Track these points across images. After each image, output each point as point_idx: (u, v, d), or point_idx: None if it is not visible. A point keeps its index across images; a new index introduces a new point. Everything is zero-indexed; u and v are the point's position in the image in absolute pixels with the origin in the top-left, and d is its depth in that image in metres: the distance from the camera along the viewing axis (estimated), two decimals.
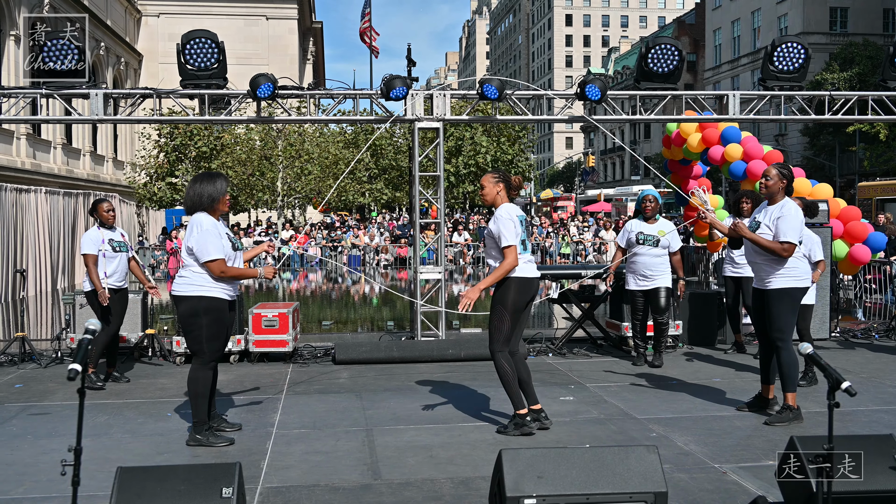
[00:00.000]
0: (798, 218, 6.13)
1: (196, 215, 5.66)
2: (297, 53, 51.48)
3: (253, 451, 5.51)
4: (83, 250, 7.65)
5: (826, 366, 3.69)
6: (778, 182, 6.23)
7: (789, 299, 6.19)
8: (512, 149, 43.20)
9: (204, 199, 5.66)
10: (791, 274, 6.18)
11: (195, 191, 5.68)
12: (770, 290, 6.22)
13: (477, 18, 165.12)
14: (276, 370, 8.57)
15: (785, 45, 9.59)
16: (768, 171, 6.29)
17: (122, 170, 40.54)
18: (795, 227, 6.09)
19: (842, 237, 10.67)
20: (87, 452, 3.54)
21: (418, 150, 9.73)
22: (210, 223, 5.61)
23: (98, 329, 3.57)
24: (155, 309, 10.36)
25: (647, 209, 8.59)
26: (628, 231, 8.65)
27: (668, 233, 8.51)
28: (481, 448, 5.52)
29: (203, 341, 5.61)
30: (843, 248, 10.63)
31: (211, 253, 5.54)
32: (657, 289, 8.48)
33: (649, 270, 8.45)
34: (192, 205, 5.69)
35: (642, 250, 8.46)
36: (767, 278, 6.24)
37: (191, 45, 8.79)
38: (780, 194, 6.26)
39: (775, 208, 6.22)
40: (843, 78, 38.25)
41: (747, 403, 6.63)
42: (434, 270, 9.92)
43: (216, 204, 5.69)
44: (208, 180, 5.73)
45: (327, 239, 30.85)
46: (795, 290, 6.20)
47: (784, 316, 6.17)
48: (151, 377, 8.23)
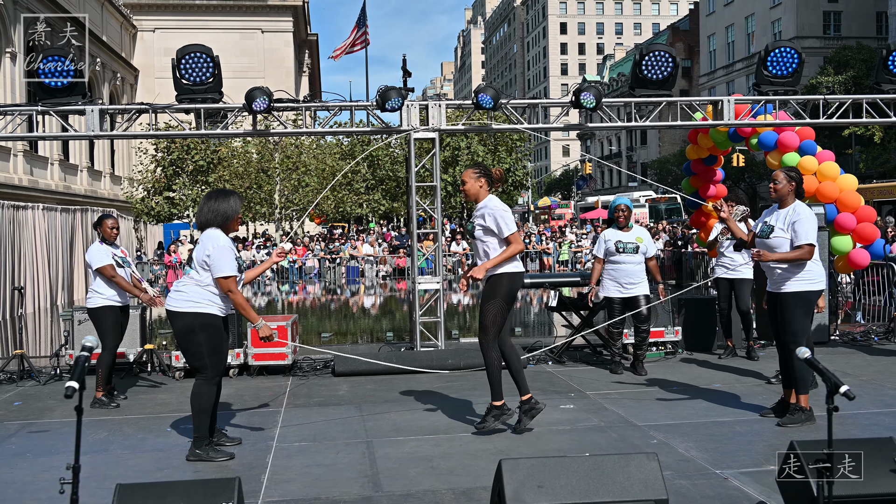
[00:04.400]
0: (813, 219, 6.16)
1: (210, 230, 5.66)
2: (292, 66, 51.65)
3: (253, 466, 5.50)
4: (97, 264, 7.51)
5: (824, 370, 3.70)
6: (787, 185, 6.26)
7: (803, 303, 6.19)
8: (509, 157, 43.27)
9: (218, 216, 5.67)
10: (805, 277, 6.19)
11: (210, 207, 5.68)
12: (784, 293, 6.22)
13: (472, 28, 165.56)
14: (275, 383, 8.55)
15: (779, 51, 9.63)
16: (776, 176, 6.34)
17: (119, 185, 40.61)
18: (813, 229, 6.13)
19: (850, 234, 10.53)
20: (86, 469, 3.54)
21: (415, 160, 9.75)
22: (226, 239, 5.64)
23: (95, 346, 3.56)
24: (154, 324, 10.35)
25: (621, 219, 8.59)
26: (605, 241, 8.61)
27: (644, 239, 8.55)
28: (482, 458, 5.51)
29: (205, 356, 5.61)
30: (847, 245, 10.49)
31: (225, 269, 5.55)
32: (636, 297, 8.50)
33: (629, 277, 8.46)
34: (205, 221, 5.69)
35: (623, 258, 8.46)
36: (782, 282, 6.25)
37: (186, 60, 8.81)
38: (790, 197, 6.28)
39: (788, 212, 6.23)
40: (837, 81, 38.38)
41: (772, 409, 6.56)
42: (432, 280, 9.92)
43: (229, 222, 5.71)
44: (223, 197, 5.74)
45: (325, 251, 30.86)
46: (810, 293, 6.21)
47: (797, 319, 6.19)
48: (151, 393, 8.21)
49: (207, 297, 5.61)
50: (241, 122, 9.69)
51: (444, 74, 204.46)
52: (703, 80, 62.55)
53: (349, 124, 10.62)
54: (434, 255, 10.26)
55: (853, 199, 10.40)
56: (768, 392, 7.44)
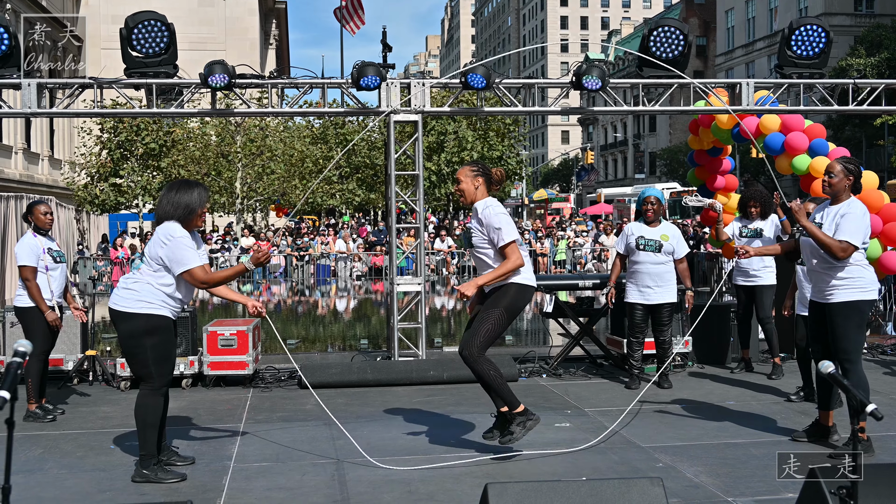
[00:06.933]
0: (864, 220, 6.04)
1: (166, 224, 5.65)
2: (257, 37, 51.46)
3: (207, 488, 5.49)
4: (20, 261, 7.44)
5: (849, 387, 3.73)
6: (843, 179, 6.10)
7: (856, 314, 6.06)
8: (501, 144, 43.32)
9: (180, 209, 5.66)
10: (856, 284, 6.06)
11: (170, 199, 5.67)
12: (832, 303, 6.09)
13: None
14: (234, 395, 8.53)
15: (804, 28, 9.68)
16: (832, 167, 6.15)
17: (59, 169, 40.33)
18: (860, 228, 5.98)
19: (878, 237, 10.60)
20: (17, 491, 3.51)
21: (395, 146, 9.74)
22: (182, 231, 5.62)
23: (28, 350, 3.51)
24: (97, 327, 10.30)
25: (649, 212, 8.58)
26: (627, 235, 8.63)
27: (671, 237, 8.52)
28: (465, 482, 5.53)
29: (150, 364, 5.59)
30: (875, 249, 10.56)
31: (188, 261, 5.53)
32: (661, 305, 8.50)
33: (652, 280, 8.44)
34: (165, 214, 5.68)
35: (643, 257, 8.46)
36: (828, 290, 6.12)
37: (137, 29, 8.77)
38: (845, 193, 6.13)
39: (840, 207, 6.10)
40: (869, 64, 38.61)
41: (805, 431, 6.52)
42: (413, 282, 9.92)
43: (192, 216, 5.69)
44: (186, 189, 5.73)
45: (292, 246, 30.80)
46: (862, 302, 6.08)
47: (850, 333, 6.05)
48: (92, 405, 8.18)
49: (160, 298, 5.59)
50: (198, 101, 9.67)
51: (428, 50, 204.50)
52: (720, 60, 62.86)
53: (321, 104, 10.61)
54: (415, 254, 10.27)
55: (875, 197, 10.46)
56: (788, 411, 7.50)
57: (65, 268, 7.81)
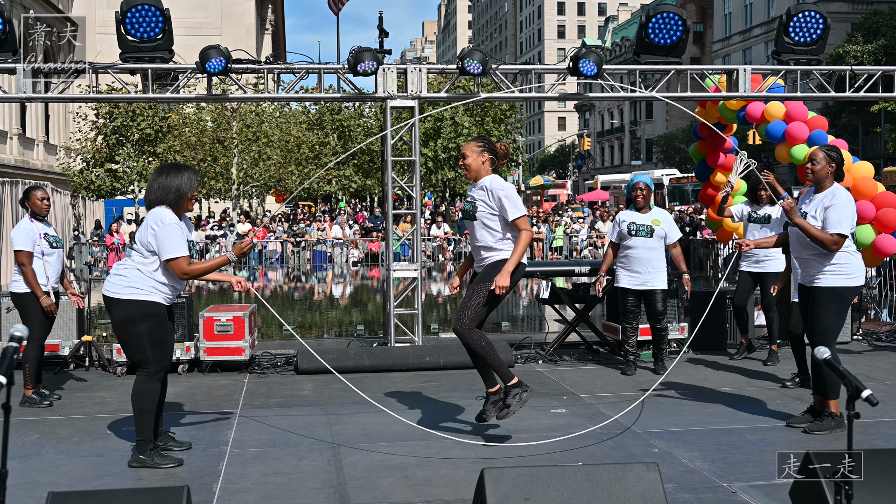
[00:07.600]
0: (850, 207, 6.18)
1: (156, 209, 5.64)
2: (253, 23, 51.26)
3: (204, 473, 5.50)
4: (17, 245, 7.41)
5: (845, 372, 3.74)
6: (826, 166, 6.27)
7: (838, 299, 6.21)
8: (498, 130, 43.27)
9: (170, 193, 5.65)
10: (842, 271, 6.21)
11: (160, 183, 5.67)
12: (817, 287, 6.25)
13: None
14: (230, 381, 8.54)
15: (802, 15, 9.66)
16: (815, 155, 6.32)
17: (54, 155, 40.22)
18: (847, 218, 6.13)
19: (871, 223, 10.65)
20: (14, 476, 3.53)
21: (391, 132, 9.73)
22: (172, 217, 5.61)
23: (25, 335, 3.50)
24: (93, 313, 10.29)
25: (639, 198, 8.59)
26: (619, 223, 8.65)
27: (663, 222, 8.55)
28: (462, 467, 5.54)
29: (146, 349, 5.60)
30: (868, 235, 10.61)
31: (174, 250, 5.53)
32: (653, 291, 8.51)
33: (643, 266, 8.45)
34: (154, 199, 5.67)
35: (635, 242, 8.47)
36: (816, 274, 6.27)
37: (132, 14, 8.72)
38: (828, 180, 6.29)
39: (824, 196, 6.24)
40: (866, 51, 38.57)
41: (800, 418, 6.55)
42: (409, 268, 9.92)
43: (182, 200, 5.69)
44: (176, 172, 5.73)
45: (289, 232, 30.77)
46: (846, 289, 6.23)
47: (829, 317, 6.20)
48: (89, 390, 8.18)
49: (151, 284, 5.59)
50: (194, 86, 9.65)
51: (425, 35, 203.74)
52: (717, 46, 62.72)
53: (317, 90, 10.58)
54: (412, 240, 10.26)
55: (869, 186, 10.53)
56: (783, 397, 7.52)
57: (61, 253, 7.80)
